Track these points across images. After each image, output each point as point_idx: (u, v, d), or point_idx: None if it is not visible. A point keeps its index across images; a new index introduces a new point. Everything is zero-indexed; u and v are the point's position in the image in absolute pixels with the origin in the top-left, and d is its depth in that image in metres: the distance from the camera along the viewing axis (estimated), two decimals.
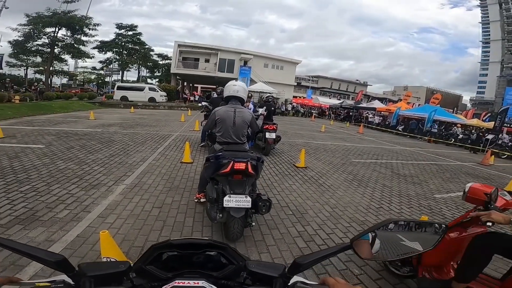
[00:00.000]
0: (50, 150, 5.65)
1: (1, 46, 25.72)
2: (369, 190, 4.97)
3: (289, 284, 0.61)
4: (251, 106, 6.20)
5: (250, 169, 2.62)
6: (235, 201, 2.50)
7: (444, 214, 4.24)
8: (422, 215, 4.00)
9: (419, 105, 30.46)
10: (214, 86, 23.12)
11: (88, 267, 0.54)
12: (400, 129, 20.43)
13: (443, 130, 19.16)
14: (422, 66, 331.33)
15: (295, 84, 37.57)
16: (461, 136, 17.19)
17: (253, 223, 2.81)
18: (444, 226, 0.72)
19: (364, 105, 29.47)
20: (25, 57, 28.45)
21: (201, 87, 40.02)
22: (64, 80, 39.88)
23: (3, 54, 23.87)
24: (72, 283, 0.53)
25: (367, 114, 26.29)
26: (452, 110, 31.73)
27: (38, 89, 20.63)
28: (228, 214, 2.54)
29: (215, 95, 7.73)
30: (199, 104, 7.48)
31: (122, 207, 3.30)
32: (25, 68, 31.58)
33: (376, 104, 26.91)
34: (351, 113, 27.69)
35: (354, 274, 2.44)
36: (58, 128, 8.66)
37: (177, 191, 4.01)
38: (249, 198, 2.54)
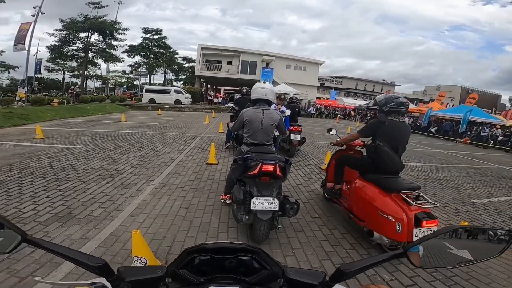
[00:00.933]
0: (86, 151, 6.03)
1: (40, 51, 27.85)
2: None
3: None
4: (283, 109, 5.89)
5: (278, 171, 2.58)
6: (263, 203, 2.47)
7: (484, 220, 3.93)
8: (461, 221, 3.73)
9: (453, 105, 28.53)
10: (237, 88, 23.39)
11: (127, 272, 0.55)
12: (433, 130, 19.27)
13: (478, 131, 17.78)
14: (456, 65, 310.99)
15: (318, 85, 36.92)
16: (500, 138, 15.87)
17: (279, 226, 2.76)
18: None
19: None
20: (62, 62, 30.85)
21: (224, 89, 40.64)
22: (98, 84, 42.58)
23: (42, 59, 25.87)
24: (110, 287, 0.54)
25: None
26: (490, 111, 29.38)
27: (75, 92, 22.13)
28: (255, 216, 2.52)
29: (239, 96, 7.79)
30: (226, 106, 7.54)
31: (151, 206, 3.42)
32: (62, 72, 34.22)
33: None
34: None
35: (384, 279, 2.32)
36: (93, 130, 9.23)
37: (203, 192, 4.08)
38: (276, 201, 2.50)
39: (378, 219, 2.56)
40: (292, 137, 6.61)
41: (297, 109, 7.48)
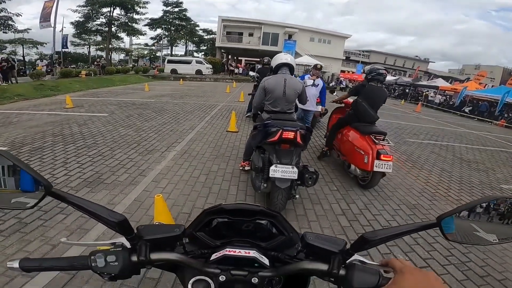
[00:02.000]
0: (113, 118, 6.29)
1: (65, 27, 28.83)
2: (424, 173, 4.55)
3: (346, 262, 0.55)
4: (319, 82, 5.15)
5: (298, 139, 2.51)
6: (281, 171, 2.43)
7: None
8: None
9: (492, 86, 26.01)
10: (258, 59, 22.89)
11: (145, 230, 0.54)
12: (467, 110, 17.88)
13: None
14: (501, 46, 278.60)
15: (344, 58, 35.15)
16: None
17: (297, 196, 2.74)
18: None
19: (424, 82, 26.26)
20: (87, 37, 31.69)
21: (245, 60, 39.93)
22: (122, 56, 43.41)
23: (67, 35, 26.52)
24: (129, 246, 0.54)
25: (427, 93, 23.46)
26: None
27: (100, 64, 22.71)
28: (273, 184, 2.51)
29: (260, 67, 7.56)
30: (250, 74, 7.35)
31: (173, 172, 3.55)
32: (88, 46, 35.29)
33: (440, 82, 23.65)
34: (407, 90, 25.05)
35: (420, 257, 2.30)
36: (118, 99, 9.54)
37: (222, 159, 4.17)
38: (295, 169, 2.45)
39: (354, 153, 3.51)
40: None
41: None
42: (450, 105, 20.09)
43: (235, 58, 37.88)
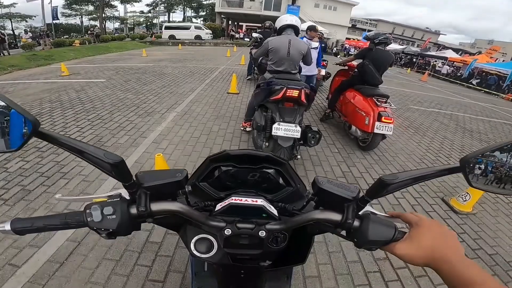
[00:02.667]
0: (111, 83, 6.12)
1: None
2: (426, 140, 4.52)
3: (360, 213, 0.50)
4: (316, 44, 4.82)
5: (303, 98, 2.45)
6: (284, 129, 2.41)
7: None
8: None
9: (503, 61, 25.12)
10: (260, 25, 21.95)
11: (145, 177, 0.49)
12: (474, 82, 17.42)
13: None
14: None
15: (350, 25, 33.76)
16: None
17: (299, 156, 2.74)
18: None
19: (433, 53, 25.36)
20: (78, 7, 30.08)
21: (246, 25, 38.32)
22: (116, 25, 41.56)
23: (57, 6, 25.05)
24: (128, 198, 0.49)
25: (435, 63, 22.74)
26: None
27: (94, 33, 21.83)
28: (275, 143, 2.49)
29: (261, 31, 7.24)
30: (253, 35, 7.01)
31: (173, 133, 3.52)
32: (80, 16, 33.71)
33: (449, 53, 22.83)
34: (414, 60, 24.27)
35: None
36: (115, 65, 9.24)
37: (223, 120, 4.14)
38: (298, 128, 2.42)
39: (355, 115, 3.52)
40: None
41: (323, 45, 7.00)
42: (457, 76, 19.55)
43: (235, 23, 36.30)
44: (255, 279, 0.68)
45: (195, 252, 0.57)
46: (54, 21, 23.73)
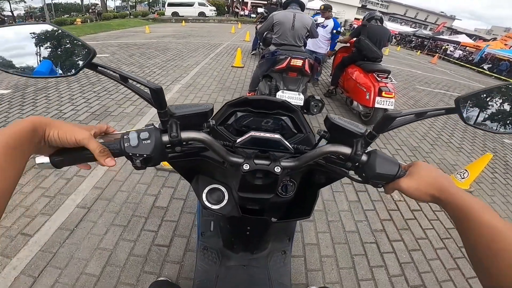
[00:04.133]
0: (115, 58, 6.08)
1: None
2: (429, 119, 4.40)
3: (366, 151, 0.53)
4: (329, 23, 4.68)
5: (306, 67, 2.49)
6: (288, 97, 2.45)
7: (508, 161, 3.54)
8: (487, 153, 3.44)
9: None
10: (265, 2, 21.32)
11: (176, 107, 0.52)
12: (485, 67, 16.75)
13: None
14: None
15: (359, 5, 32.30)
16: None
17: None
18: None
19: (446, 37, 24.31)
20: None
21: (251, 3, 36.92)
22: (118, 3, 40.52)
23: None
24: (160, 128, 0.52)
25: (447, 46, 21.85)
26: None
27: (96, 11, 21.43)
28: None
29: (268, 6, 7.12)
30: (259, 10, 6.96)
31: (179, 103, 3.52)
32: None
33: (462, 38, 21.89)
34: (425, 43, 23.31)
35: (393, 199, 2.27)
36: (119, 41, 9.11)
37: (228, 91, 4.14)
38: (302, 96, 2.48)
39: (356, 90, 3.57)
40: None
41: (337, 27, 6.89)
42: (469, 61, 18.86)
43: (240, 0, 35.01)
44: (260, 236, 0.70)
45: (206, 203, 0.59)
46: (54, 1, 23.36)
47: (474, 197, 0.41)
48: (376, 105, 3.20)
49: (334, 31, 4.65)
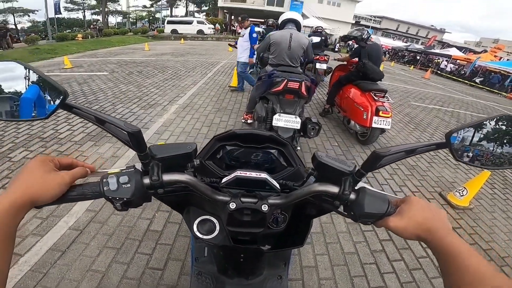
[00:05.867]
0: (113, 76, 6.15)
1: None
2: (426, 135, 4.54)
3: (356, 188, 0.52)
4: (247, 31, 5.03)
5: (303, 90, 2.48)
6: (285, 120, 2.45)
7: (506, 176, 3.61)
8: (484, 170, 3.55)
9: (507, 60, 24.90)
10: (263, 20, 21.99)
11: (157, 149, 0.51)
12: (477, 81, 17.34)
13: None
14: None
15: (353, 22, 33.54)
16: None
17: (298, 148, 2.80)
18: None
19: (437, 50, 25.11)
20: (81, 1, 29.95)
21: (249, 21, 38.22)
22: (119, 19, 41.48)
23: (59, 0, 25.01)
24: (141, 169, 0.51)
25: (438, 60, 22.58)
26: None
27: (97, 27, 21.80)
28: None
29: (265, 27, 7.33)
30: (256, 29, 7.10)
31: (175, 125, 3.57)
32: (82, 11, 33.65)
33: (453, 51, 22.64)
34: (418, 57, 24.12)
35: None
36: (118, 58, 9.25)
37: (224, 112, 4.19)
38: (298, 119, 2.47)
39: (354, 110, 3.57)
40: (318, 66, 6.47)
41: (323, 38, 7.07)
42: (461, 75, 19.43)
43: (238, 18, 36.16)
44: (254, 264, 0.70)
45: (197, 233, 0.58)
46: (57, 16, 23.64)
47: (462, 241, 0.40)
48: (374, 125, 3.23)
49: (253, 35, 4.78)
